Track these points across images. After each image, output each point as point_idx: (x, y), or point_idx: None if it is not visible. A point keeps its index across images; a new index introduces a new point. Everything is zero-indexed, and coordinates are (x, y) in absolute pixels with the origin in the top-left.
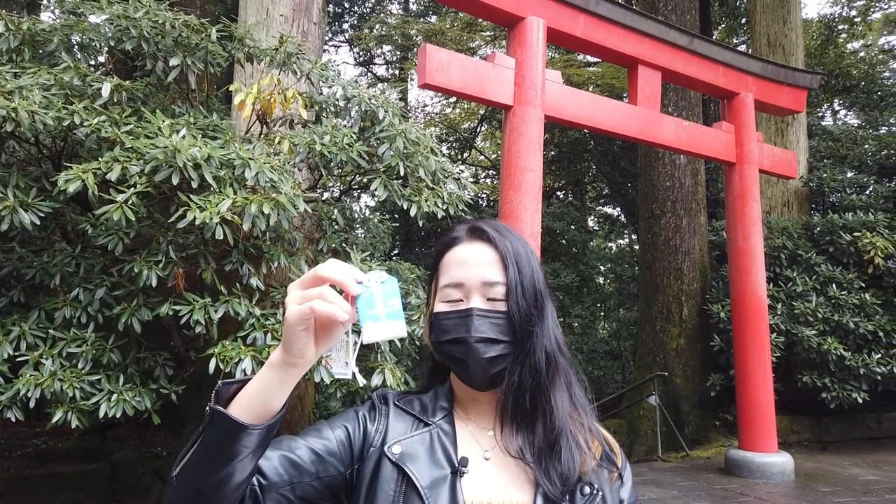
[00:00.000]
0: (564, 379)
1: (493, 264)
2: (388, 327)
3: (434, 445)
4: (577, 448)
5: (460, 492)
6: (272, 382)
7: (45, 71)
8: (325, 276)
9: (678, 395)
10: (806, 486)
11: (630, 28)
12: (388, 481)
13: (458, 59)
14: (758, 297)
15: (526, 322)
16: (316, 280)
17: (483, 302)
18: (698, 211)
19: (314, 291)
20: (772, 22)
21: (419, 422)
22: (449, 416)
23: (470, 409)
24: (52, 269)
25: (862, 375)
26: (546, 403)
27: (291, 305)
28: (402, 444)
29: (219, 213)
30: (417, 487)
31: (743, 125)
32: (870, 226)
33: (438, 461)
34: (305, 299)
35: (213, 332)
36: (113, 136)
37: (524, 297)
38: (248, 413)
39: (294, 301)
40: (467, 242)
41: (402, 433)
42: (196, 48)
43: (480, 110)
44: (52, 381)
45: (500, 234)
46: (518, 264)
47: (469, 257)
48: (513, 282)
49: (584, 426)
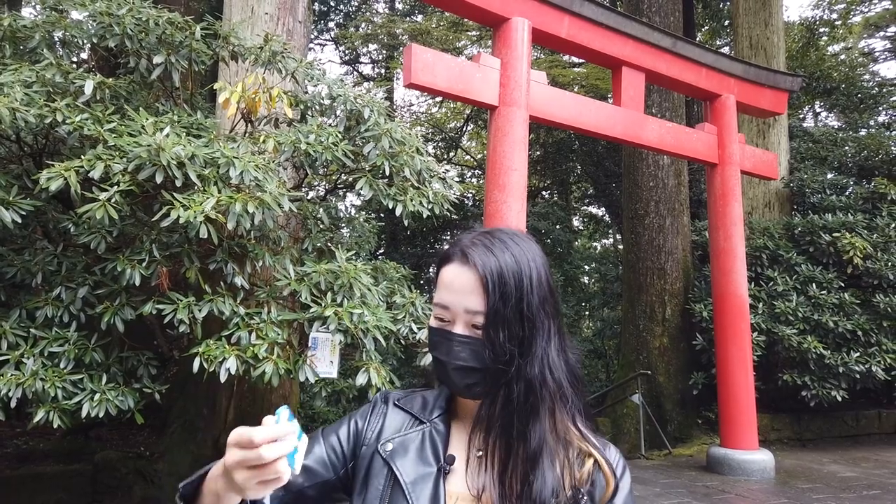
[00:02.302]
0: (552, 405)
1: (475, 293)
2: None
3: (425, 443)
4: (554, 482)
5: (442, 488)
6: (218, 493)
7: (27, 68)
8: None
9: (661, 393)
10: (786, 483)
11: (614, 30)
12: (378, 476)
13: (444, 59)
14: (739, 297)
15: (500, 355)
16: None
17: (466, 328)
18: (681, 211)
19: (253, 471)
20: (754, 24)
21: (415, 420)
22: (445, 416)
23: (465, 408)
24: (33, 267)
25: (841, 374)
26: (518, 438)
27: (237, 473)
28: (394, 442)
29: (203, 212)
30: (401, 483)
31: (725, 126)
32: (849, 226)
33: (426, 458)
34: (251, 478)
35: (197, 332)
36: (95, 133)
37: (504, 329)
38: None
39: (237, 469)
40: (458, 264)
41: (396, 431)
42: (180, 46)
43: (466, 110)
44: (34, 381)
45: (492, 253)
46: (502, 292)
47: (455, 282)
48: (492, 313)
49: (568, 453)
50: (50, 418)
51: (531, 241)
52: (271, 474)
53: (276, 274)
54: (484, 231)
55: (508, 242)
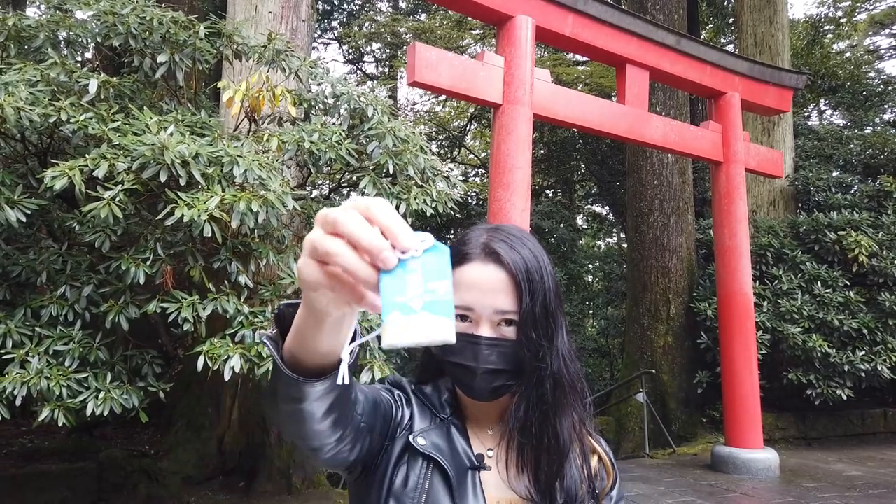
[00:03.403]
0: (570, 400)
1: (506, 292)
2: (426, 326)
3: (453, 439)
4: (578, 473)
5: (479, 487)
6: (307, 320)
7: (32, 67)
8: (377, 219)
9: (665, 392)
10: (791, 482)
11: (618, 27)
12: (413, 469)
13: (447, 57)
14: (744, 295)
15: (535, 354)
16: (354, 224)
17: (492, 329)
18: (686, 209)
19: (341, 249)
20: (759, 22)
21: (434, 415)
22: (458, 413)
23: (470, 407)
24: (38, 266)
25: (846, 373)
26: (552, 435)
27: (308, 262)
28: (425, 436)
29: (207, 211)
30: (450, 478)
31: (730, 124)
32: (854, 224)
33: (459, 455)
34: (328, 256)
35: (201, 330)
36: (100, 133)
37: (536, 327)
38: (299, 349)
39: (314, 252)
40: (480, 263)
41: (426, 424)
42: (184, 45)
43: (470, 109)
44: (39, 379)
45: (515, 250)
46: (532, 290)
47: (481, 282)
48: (526, 312)
49: (584, 446)
50: (55, 417)
51: (531, 235)
52: (356, 270)
53: (280, 272)
54: (492, 227)
55: (521, 238)
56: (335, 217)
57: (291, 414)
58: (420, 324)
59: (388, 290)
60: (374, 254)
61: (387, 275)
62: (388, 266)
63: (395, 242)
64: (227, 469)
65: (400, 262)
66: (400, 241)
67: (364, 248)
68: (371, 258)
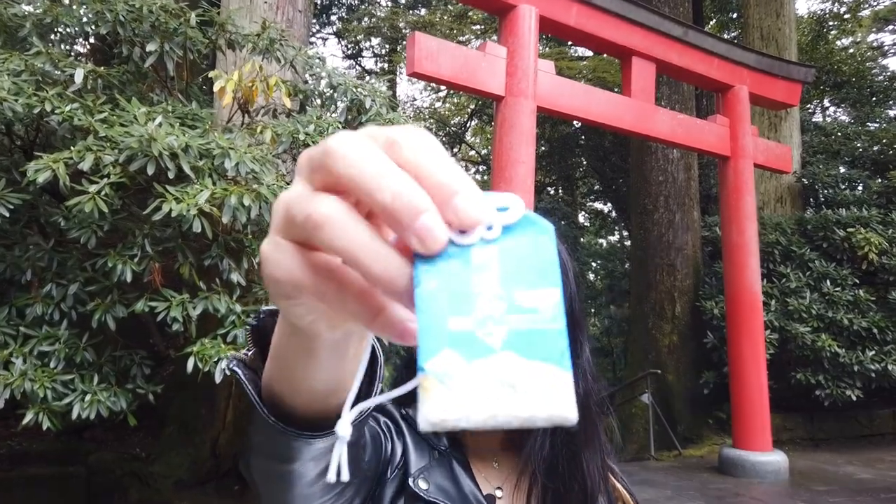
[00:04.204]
0: (598, 431)
1: None
2: (515, 387)
3: (458, 479)
4: None
5: None
6: (287, 343)
7: (17, 56)
8: (414, 161)
9: (670, 392)
10: (801, 486)
11: (624, 18)
12: None
13: (448, 47)
14: (753, 293)
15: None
16: (370, 164)
17: None
18: (691, 206)
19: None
20: (765, 15)
21: (431, 447)
22: (456, 442)
23: (469, 434)
24: (23, 263)
25: (856, 373)
26: (581, 479)
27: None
28: (427, 477)
29: (197, 205)
30: None
31: (738, 118)
32: (863, 221)
33: (468, 499)
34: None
35: (192, 330)
36: (86, 124)
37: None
38: (283, 384)
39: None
40: None
41: (424, 462)
42: (174, 33)
43: (471, 105)
44: (23, 381)
45: None
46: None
47: None
48: None
49: (608, 488)
50: (39, 420)
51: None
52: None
53: None
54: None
55: None
56: (334, 152)
57: (274, 475)
58: (501, 380)
59: (431, 302)
60: (405, 221)
61: (429, 268)
62: (432, 248)
63: (449, 207)
64: (222, 472)
65: (455, 248)
66: (458, 203)
67: (387, 211)
68: (399, 231)
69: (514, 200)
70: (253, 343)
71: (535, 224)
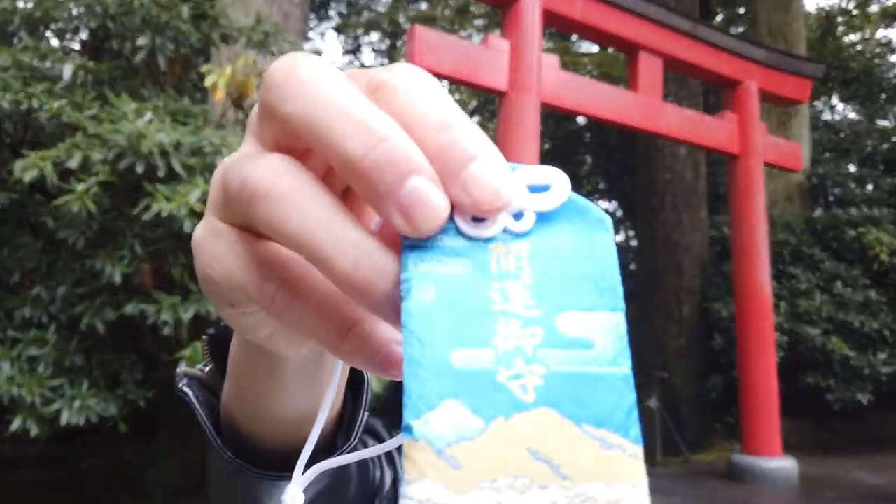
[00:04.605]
0: None
1: None
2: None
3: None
4: None
5: None
6: (243, 362)
7: (5, 51)
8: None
9: (677, 397)
10: (812, 492)
11: (630, 11)
12: None
13: (450, 40)
14: (763, 294)
15: None
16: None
17: None
18: (699, 205)
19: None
20: (774, 10)
21: None
22: None
23: None
24: (11, 265)
25: (867, 376)
26: None
27: (214, 228)
28: None
29: (188, 205)
30: None
31: (747, 115)
32: (874, 221)
33: None
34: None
35: (183, 334)
36: (75, 121)
37: None
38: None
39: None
40: None
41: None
42: (166, 27)
43: (472, 102)
44: (10, 386)
45: None
46: None
47: None
48: None
49: None
50: (27, 426)
51: None
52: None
53: None
54: None
55: None
56: (287, 84)
57: None
58: (534, 454)
59: (427, 321)
60: (385, 185)
61: (425, 269)
62: (424, 229)
63: (458, 179)
64: None
65: (466, 241)
66: (472, 174)
67: (357, 170)
68: (376, 203)
69: (556, 176)
70: (211, 357)
71: (585, 213)
